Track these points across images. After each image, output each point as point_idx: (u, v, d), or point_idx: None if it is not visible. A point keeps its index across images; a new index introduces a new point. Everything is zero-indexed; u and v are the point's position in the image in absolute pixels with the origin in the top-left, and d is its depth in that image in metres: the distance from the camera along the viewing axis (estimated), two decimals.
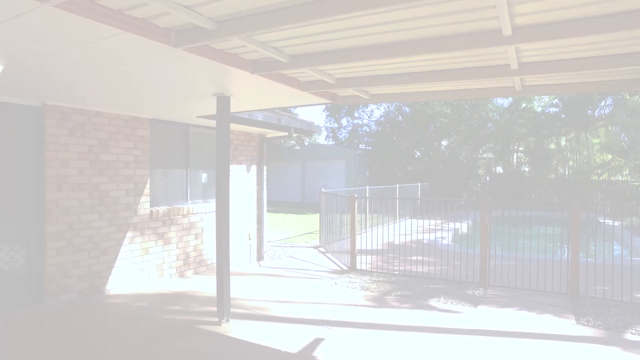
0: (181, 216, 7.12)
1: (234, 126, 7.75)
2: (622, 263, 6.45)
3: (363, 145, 26.39)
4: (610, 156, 19.62)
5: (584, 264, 6.49)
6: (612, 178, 19.94)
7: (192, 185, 7.50)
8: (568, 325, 4.99)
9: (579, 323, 5.04)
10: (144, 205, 6.50)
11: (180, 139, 7.32)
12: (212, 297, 5.43)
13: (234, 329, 4.69)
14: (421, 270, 7.40)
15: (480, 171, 23.46)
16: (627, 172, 19.26)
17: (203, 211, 7.48)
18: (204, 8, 2.46)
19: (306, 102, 5.04)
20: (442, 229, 12.49)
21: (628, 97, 16.03)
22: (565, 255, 6.61)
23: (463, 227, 11.35)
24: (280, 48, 3.24)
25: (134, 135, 6.35)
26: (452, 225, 12.61)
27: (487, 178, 21.81)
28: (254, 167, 8.66)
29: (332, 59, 3.27)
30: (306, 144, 10.97)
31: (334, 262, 8.41)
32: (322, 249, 9.87)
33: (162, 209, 6.76)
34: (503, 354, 4.14)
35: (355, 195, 7.97)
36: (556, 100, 21.02)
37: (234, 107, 5.79)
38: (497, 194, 20.31)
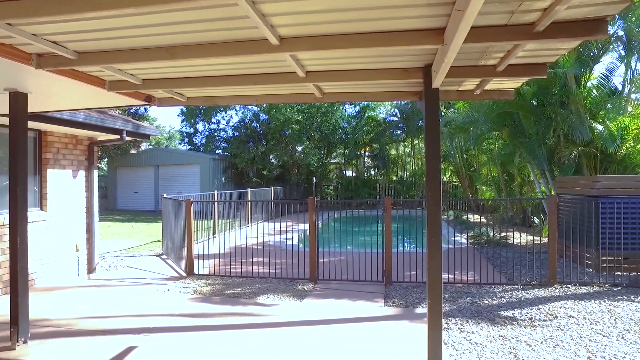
0: None
1: (55, 128, 7.01)
2: (423, 250, 7.52)
3: (220, 151, 25.98)
4: None
5: (401, 253, 7.39)
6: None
7: None
8: (377, 307, 5.64)
9: (386, 305, 5.73)
10: None
11: None
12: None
13: (32, 351, 4.23)
14: (258, 270, 7.64)
15: (332, 175, 25.04)
16: (449, 174, 22.64)
17: None
18: None
19: (118, 102, 4.79)
20: (291, 230, 12.98)
21: (444, 110, 18.70)
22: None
23: None
24: (62, 43, 3.05)
25: None
26: (301, 226, 13.19)
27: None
28: (82, 173, 7.94)
29: (121, 58, 3.17)
30: (143, 148, 10.35)
31: (173, 269, 8.14)
32: (164, 257, 9.48)
33: None
34: (316, 339, 4.48)
35: (191, 199, 7.82)
36: (395, 110, 23.54)
37: (40, 107, 5.28)
38: (347, 195, 21.89)
